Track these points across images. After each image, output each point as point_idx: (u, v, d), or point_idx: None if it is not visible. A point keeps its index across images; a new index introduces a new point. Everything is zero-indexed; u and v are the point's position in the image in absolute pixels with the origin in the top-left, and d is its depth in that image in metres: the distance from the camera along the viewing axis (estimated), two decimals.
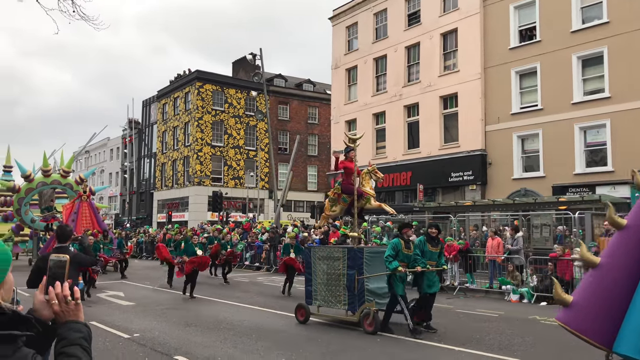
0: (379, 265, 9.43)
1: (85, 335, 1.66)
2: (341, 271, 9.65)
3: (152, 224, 46.27)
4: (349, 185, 10.34)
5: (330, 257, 9.92)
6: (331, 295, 9.83)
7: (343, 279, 9.62)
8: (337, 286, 9.74)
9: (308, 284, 10.37)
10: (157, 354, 7.71)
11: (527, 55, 22.51)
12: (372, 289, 9.51)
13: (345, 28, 32.30)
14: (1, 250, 1.60)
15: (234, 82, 46.65)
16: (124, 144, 59.57)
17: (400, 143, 27.95)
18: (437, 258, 9.55)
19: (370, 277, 9.46)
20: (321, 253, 10.21)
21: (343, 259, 9.63)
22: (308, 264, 10.47)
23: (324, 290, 9.95)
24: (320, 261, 10.07)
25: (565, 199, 17.52)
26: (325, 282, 9.93)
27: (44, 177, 23.12)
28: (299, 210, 45.77)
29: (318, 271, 10.10)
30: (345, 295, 9.56)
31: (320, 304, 10.07)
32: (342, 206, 10.57)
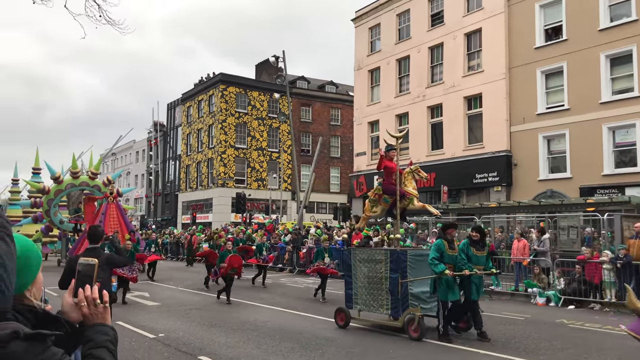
0: (424, 268, 9.05)
1: (111, 338, 1.69)
2: (383, 274, 9.30)
3: (177, 225, 46.83)
4: (391, 185, 9.90)
5: (371, 260, 9.57)
6: (373, 299, 9.48)
7: (385, 283, 9.25)
8: (379, 290, 9.38)
9: (348, 287, 10.03)
10: (182, 354, 7.79)
11: (553, 55, 22.12)
12: (416, 293, 9.07)
13: (368, 29, 32.23)
14: (33, 249, 1.64)
15: (257, 85, 46.98)
16: (150, 146, 60.46)
17: (424, 144, 27.75)
18: (485, 262, 9.08)
19: (415, 280, 9.04)
20: (362, 255, 9.87)
21: (385, 262, 9.29)
22: (348, 267, 10.14)
23: (365, 293, 9.61)
24: (361, 264, 9.73)
25: (594, 201, 17.17)
26: (366, 286, 9.59)
27: (73, 179, 23.50)
28: (322, 212, 45.80)
29: (359, 274, 9.75)
30: (388, 299, 9.21)
31: (361, 308, 9.74)
32: (383, 207, 10.20)
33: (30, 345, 1.40)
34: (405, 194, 9.79)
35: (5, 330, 1.38)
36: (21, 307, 1.52)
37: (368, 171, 30.84)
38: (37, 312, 1.57)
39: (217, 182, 43.85)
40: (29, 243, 1.64)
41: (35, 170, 30.35)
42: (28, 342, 1.39)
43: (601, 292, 12.92)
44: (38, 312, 1.57)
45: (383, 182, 10.15)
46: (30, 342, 1.40)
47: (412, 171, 10.05)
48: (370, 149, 31.55)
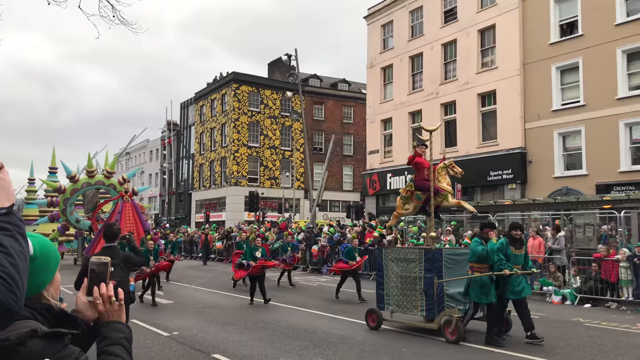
0: (460, 268, 8.80)
1: (126, 335, 1.70)
2: (417, 274, 8.96)
3: (191, 224, 47.12)
4: (423, 182, 9.50)
5: (404, 259, 9.22)
6: (406, 300, 9.12)
7: (419, 283, 8.91)
8: (412, 290, 9.03)
9: (379, 287, 9.66)
10: (196, 352, 7.84)
11: (569, 50, 21.86)
12: (452, 293, 8.73)
13: (381, 27, 32.10)
14: (52, 249, 1.66)
15: (269, 83, 47.05)
16: (163, 145, 60.89)
17: (437, 142, 27.52)
18: (523, 260, 8.66)
19: (451, 280, 8.71)
20: (394, 254, 9.52)
21: (419, 261, 8.94)
22: (379, 266, 9.81)
23: (398, 294, 9.27)
24: (393, 263, 9.37)
25: (610, 198, 16.95)
26: (398, 286, 9.25)
27: (89, 178, 23.67)
28: (335, 210, 45.79)
29: (390, 274, 9.40)
30: (423, 300, 8.85)
31: (394, 309, 9.40)
32: (416, 204, 9.78)
33: (48, 343, 1.41)
34: (439, 190, 9.38)
35: (24, 328, 1.40)
36: (38, 305, 1.54)
37: (381, 169, 30.76)
38: (54, 310, 1.58)
39: (230, 181, 44.04)
40: (48, 243, 1.65)
41: (52, 169, 30.69)
42: (46, 341, 1.41)
43: (618, 290, 12.76)
44: (55, 310, 1.58)
45: (415, 178, 9.75)
46: (48, 341, 1.42)
47: (446, 166, 9.67)
48: (383, 146, 31.46)
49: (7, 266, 1.31)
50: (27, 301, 1.51)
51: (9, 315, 1.30)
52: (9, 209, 1.42)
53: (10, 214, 1.42)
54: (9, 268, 1.31)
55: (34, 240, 1.58)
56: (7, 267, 1.30)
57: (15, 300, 1.30)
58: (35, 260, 1.55)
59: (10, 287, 1.29)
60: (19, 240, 1.40)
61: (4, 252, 1.33)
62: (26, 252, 1.41)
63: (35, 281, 1.56)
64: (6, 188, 1.47)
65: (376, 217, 27.52)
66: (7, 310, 1.28)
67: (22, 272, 1.35)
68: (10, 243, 1.36)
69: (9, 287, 1.28)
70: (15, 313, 1.32)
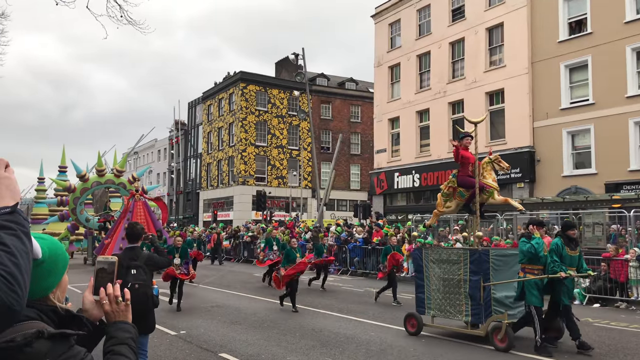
0: (508, 269, 8.31)
1: (133, 335, 1.71)
2: (461, 277, 8.42)
3: (199, 223, 47.28)
4: (467, 178, 8.96)
5: (447, 261, 8.70)
6: (449, 304, 8.59)
7: (464, 286, 8.36)
8: (456, 294, 8.49)
9: (419, 290, 9.13)
10: (203, 351, 7.87)
11: (578, 48, 21.71)
12: (499, 298, 8.17)
13: (388, 25, 32.03)
14: (61, 251, 1.65)
15: (276, 83, 47.10)
16: (171, 145, 61.13)
17: (445, 141, 27.49)
18: (578, 262, 8.05)
19: (500, 284, 8.16)
20: (435, 255, 8.95)
21: (464, 263, 8.41)
22: (419, 268, 9.27)
23: (440, 298, 8.74)
24: (435, 264, 8.86)
25: (619, 197, 16.82)
26: (440, 289, 8.72)
27: (99, 177, 23.67)
28: (342, 210, 45.79)
29: (431, 276, 8.87)
30: (468, 304, 8.30)
31: (435, 313, 8.87)
32: (459, 201, 9.22)
33: (54, 344, 1.42)
34: (485, 186, 8.80)
35: (30, 329, 1.41)
36: (45, 307, 1.54)
37: (388, 168, 30.70)
38: (60, 312, 1.59)
39: (238, 180, 44.13)
40: (57, 245, 1.64)
41: (62, 168, 30.86)
42: (52, 341, 1.42)
43: (627, 290, 12.67)
44: (60, 312, 1.59)
45: (458, 174, 9.15)
46: (54, 341, 1.42)
47: (492, 161, 9.05)
48: (390, 145, 31.40)
49: (9, 266, 1.29)
50: (33, 303, 1.52)
51: (11, 315, 1.29)
52: (13, 208, 1.41)
53: (15, 213, 1.41)
54: (11, 268, 1.29)
55: (43, 243, 1.57)
56: (10, 267, 1.29)
57: (17, 300, 1.28)
58: (43, 264, 1.55)
59: (13, 287, 1.27)
60: (23, 239, 1.38)
61: (7, 252, 1.32)
62: (30, 251, 1.40)
63: (43, 284, 1.56)
64: (11, 187, 1.46)
65: (383, 217, 27.49)
66: (9, 310, 1.27)
67: (24, 272, 1.33)
68: (13, 242, 1.35)
69: (11, 286, 1.27)
70: (17, 313, 1.30)
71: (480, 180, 8.77)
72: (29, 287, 1.35)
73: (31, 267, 1.40)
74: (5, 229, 1.36)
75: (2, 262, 1.29)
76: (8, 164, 1.50)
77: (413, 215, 24.34)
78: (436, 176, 27.37)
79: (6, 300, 1.25)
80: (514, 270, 8.28)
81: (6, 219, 1.38)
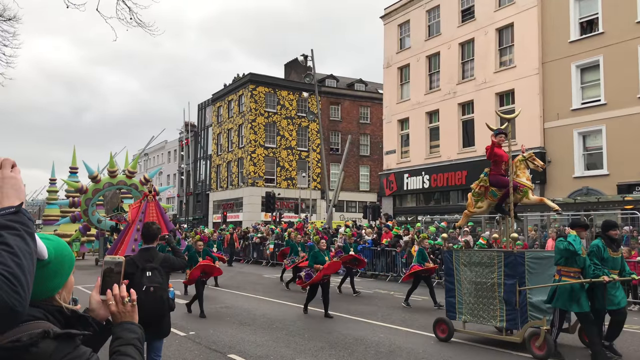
0: (543, 273, 7.96)
1: (139, 336, 1.71)
2: (495, 280, 8.06)
3: (208, 224, 47.45)
4: (500, 177, 8.61)
5: (479, 263, 8.33)
6: (482, 308, 8.23)
7: (498, 290, 7.99)
8: (490, 298, 8.12)
9: (449, 295, 8.78)
10: (212, 352, 7.88)
11: (589, 48, 21.53)
12: (535, 302, 7.79)
13: (397, 26, 31.97)
14: (67, 253, 1.66)
15: (286, 84, 47.17)
16: (181, 146, 61.42)
17: (455, 142, 27.39)
18: (620, 265, 7.59)
19: (537, 288, 7.79)
20: (467, 258, 8.57)
21: (498, 266, 8.04)
22: (449, 271, 8.89)
23: (472, 302, 8.38)
24: (466, 267, 8.50)
25: (632, 198, 16.65)
26: (473, 293, 8.36)
27: (110, 178, 23.68)
28: (352, 211, 45.72)
29: (463, 279, 8.53)
30: (502, 309, 7.94)
31: (467, 319, 8.47)
32: (490, 201, 8.84)
33: (60, 344, 1.42)
34: (519, 185, 8.42)
35: (36, 329, 1.42)
36: (51, 307, 1.55)
37: (398, 169, 30.62)
38: (65, 312, 1.59)
39: (247, 182, 44.24)
40: (63, 246, 1.64)
41: (73, 169, 31.07)
42: (58, 341, 1.42)
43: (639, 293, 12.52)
44: (66, 312, 1.59)
45: (490, 173, 8.79)
46: (59, 341, 1.43)
47: (526, 159, 8.67)
48: (400, 147, 31.32)
49: (12, 266, 1.29)
50: (39, 303, 1.52)
51: (13, 316, 1.28)
52: (17, 208, 1.41)
53: (19, 213, 1.40)
54: (14, 268, 1.29)
55: (49, 244, 1.58)
56: (12, 268, 1.29)
57: (19, 301, 1.28)
58: (49, 265, 1.55)
59: (15, 288, 1.27)
60: (26, 240, 1.38)
61: (10, 252, 1.31)
62: (33, 251, 1.40)
63: (49, 285, 1.57)
64: (17, 186, 1.46)
65: (393, 218, 27.41)
66: (11, 312, 1.26)
67: (27, 272, 1.33)
68: (16, 242, 1.34)
69: (14, 287, 1.26)
70: (19, 314, 1.29)
71: (514, 179, 8.41)
72: (32, 288, 1.35)
73: (35, 267, 1.39)
74: (9, 229, 1.36)
75: (5, 263, 1.29)
76: (15, 163, 1.51)
77: (423, 216, 24.26)
78: (446, 177, 27.27)
79: (8, 301, 1.25)
80: (549, 274, 7.91)
81: (10, 219, 1.38)
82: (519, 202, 8.59)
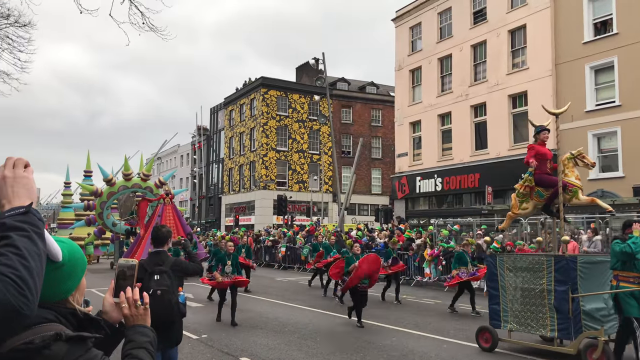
0: (597, 279, 7.49)
1: (151, 339, 1.71)
2: (545, 286, 7.57)
3: (220, 228, 47.63)
4: (546, 176, 8.12)
5: (526, 268, 7.83)
6: (531, 317, 7.73)
7: (548, 297, 7.50)
8: (539, 306, 7.62)
9: (493, 301, 8.28)
10: (224, 355, 7.89)
11: (603, 49, 21.30)
12: (588, 310, 7.27)
13: (409, 29, 31.91)
14: (79, 255, 1.66)
15: (297, 87, 47.29)
16: (194, 150, 61.78)
17: (468, 144, 27.23)
18: None
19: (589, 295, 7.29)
20: (512, 263, 8.08)
21: (547, 271, 7.54)
22: (492, 276, 8.39)
23: (519, 310, 7.90)
24: (512, 273, 8.01)
25: None
26: (519, 300, 7.89)
27: (125, 181, 23.64)
28: (364, 214, 45.63)
29: (508, 285, 8.05)
30: (553, 318, 7.43)
31: (513, 327, 7.97)
32: (536, 202, 8.30)
33: (72, 346, 1.43)
34: (567, 185, 7.86)
35: (49, 332, 1.42)
36: (64, 310, 1.56)
37: (410, 172, 30.51)
38: (78, 315, 1.60)
39: (259, 185, 44.35)
40: (76, 249, 1.65)
41: (87, 173, 31.30)
42: (69, 344, 1.42)
43: None
44: (79, 315, 1.60)
45: (535, 172, 8.23)
46: (71, 344, 1.43)
47: (574, 156, 8.11)
48: (412, 149, 31.22)
49: (19, 269, 1.28)
50: (52, 305, 1.53)
51: (20, 318, 1.27)
52: (27, 208, 1.40)
53: (28, 213, 1.39)
54: (21, 271, 1.28)
55: (63, 247, 1.58)
56: (20, 270, 1.27)
57: (26, 304, 1.26)
58: (63, 267, 1.56)
59: (22, 291, 1.26)
60: (35, 241, 1.36)
61: (17, 254, 1.30)
62: (42, 252, 1.38)
63: (63, 287, 1.58)
64: (28, 186, 1.46)
65: (405, 221, 27.30)
66: (18, 314, 1.25)
67: (35, 274, 1.31)
68: (24, 244, 1.33)
69: (21, 290, 1.25)
70: (26, 317, 1.28)
71: (562, 178, 7.90)
72: (41, 290, 1.33)
73: (44, 268, 1.38)
74: (18, 230, 1.35)
75: (12, 265, 1.27)
76: (28, 163, 1.51)
77: (435, 219, 24.11)
78: (459, 180, 27.11)
79: (15, 304, 1.24)
80: (603, 280, 7.48)
81: (19, 219, 1.37)
82: (568, 202, 8.01)
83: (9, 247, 1.31)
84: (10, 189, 1.43)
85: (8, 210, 1.38)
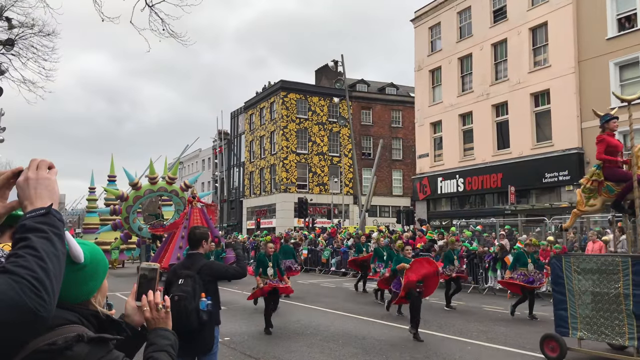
0: None
1: (172, 343, 1.73)
2: (620, 290, 6.87)
3: (242, 231, 47.92)
4: (616, 169, 7.48)
5: (598, 271, 7.17)
6: (603, 324, 7.07)
7: (625, 302, 6.81)
8: (614, 312, 6.94)
9: (559, 307, 7.62)
10: (247, 357, 7.93)
11: (628, 45, 20.87)
12: None
13: (428, 29, 31.73)
14: (101, 257, 1.69)
15: (316, 90, 47.38)
16: (215, 154, 62.30)
17: (489, 144, 26.93)
18: None
19: None
20: (582, 264, 7.40)
21: (624, 273, 6.86)
22: (557, 279, 7.73)
23: (590, 316, 7.23)
24: (581, 275, 7.36)
25: None
26: (590, 306, 7.23)
27: (151, 185, 23.65)
28: (385, 216, 45.44)
29: (576, 289, 7.40)
30: (632, 325, 6.72)
31: (584, 335, 7.31)
32: (605, 198, 7.70)
33: (93, 348, 1.45)
34: None
35: (71, 333, 1.45)
36: (86, 311, 1.58)
37: (431, 173, 30.30)
38: (100, 317, 1.62)
39: (280, 188, 44.51)
40: (97, 251, 1.67)
41: (111, 177, 31.63)
42: (91, 345, 1.45)
43: None
44: (101, 317, 1.63)
45: (604, 166, 7.68)
46: (93, 345, 1.45)
47: None
48: (433, 150, 31.00)
49: (37, 270, 1.28)
50: (75, 307, 1.56)
51: (37, 320, 1.26)
52: (47, 209, 1.40)
53: (49, 215, 1.39)
54: (38, 273, 1.28)
55: (85, 249, 1.61)
56: (37, 272, 1.28)
57: (43, 306, 1.26)
58: (85, 268, 1.59)
59: (39, 293, 1.25)
60: (54, 242, 1.36)
61: (36, 256, 1.30)
62: (61, 253, 1.38)
63: (85, 288, 1.60)
64: (50, 187, 1.47)
65: (427, 222, 27.11)
66: (35, 316, 1.25)
67: (53, 276, 1.31)
68: (43, 245, 1.33)
69: (38, 292, 1.25)
70: (43, 318, 1.27)
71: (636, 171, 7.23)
72: (58, 291, 1.33)
73: (63, 270, 1.38)
74: (37, 232, 1.35)
75: (30, 267, 1.28)
76: (52, 165, 1.53)
77: (458, 220, 23.90)
78: (481, 180, 26.82)
79: (31, 306, 1.24)
80: None
81: (39, 220, 1.37)
82: None
83: (27, 248, 1.32)
84: (33, 191, 1.44)
85: (29, 212, 1.40)
